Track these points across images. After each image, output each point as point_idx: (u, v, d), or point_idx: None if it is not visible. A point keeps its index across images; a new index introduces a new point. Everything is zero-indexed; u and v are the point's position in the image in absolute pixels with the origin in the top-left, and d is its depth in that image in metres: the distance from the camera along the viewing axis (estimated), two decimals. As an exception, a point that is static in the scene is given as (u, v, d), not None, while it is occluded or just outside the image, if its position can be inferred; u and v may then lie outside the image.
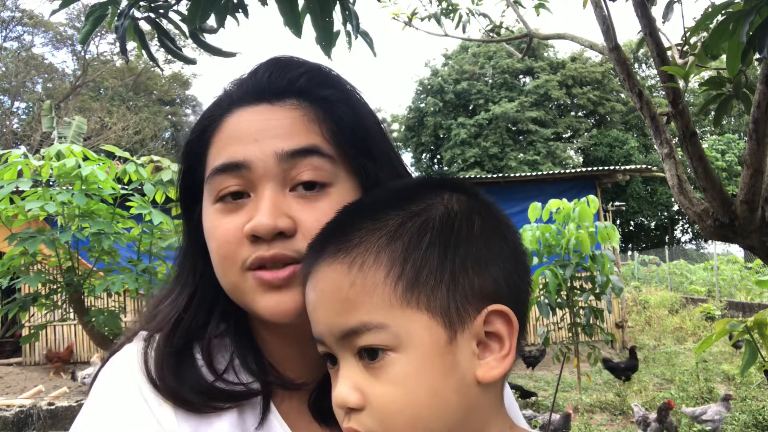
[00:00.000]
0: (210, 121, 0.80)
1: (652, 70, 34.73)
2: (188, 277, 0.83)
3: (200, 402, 0.74)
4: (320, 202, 0.74)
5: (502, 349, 0.63)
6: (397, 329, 0.61)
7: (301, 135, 0.75)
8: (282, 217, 0.72)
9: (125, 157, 4.25)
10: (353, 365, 0.63)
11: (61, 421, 6.48)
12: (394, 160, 0.83)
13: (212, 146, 0.78)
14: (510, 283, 0.66)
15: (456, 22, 5.05)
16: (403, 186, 0.73)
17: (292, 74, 0.79)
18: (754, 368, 6.83)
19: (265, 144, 0.74)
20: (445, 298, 0.62)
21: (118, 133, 24.36)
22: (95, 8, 1.87)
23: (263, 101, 0.77)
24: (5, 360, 12.52)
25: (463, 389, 0.62)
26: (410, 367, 0.61)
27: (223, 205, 0.76)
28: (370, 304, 0.62)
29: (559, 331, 7.24)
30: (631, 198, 32.01)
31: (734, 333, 2.36)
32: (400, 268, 0.62)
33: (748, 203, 2.29)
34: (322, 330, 0.65)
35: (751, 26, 1.67)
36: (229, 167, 0.75)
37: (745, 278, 18.29)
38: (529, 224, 6.53)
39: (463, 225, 0.65)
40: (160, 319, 0.81)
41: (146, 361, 0.75)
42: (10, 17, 26.11)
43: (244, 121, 0.76)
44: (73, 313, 4.27)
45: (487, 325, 0.63)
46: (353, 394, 0.62)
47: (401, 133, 39.26)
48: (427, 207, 0.66)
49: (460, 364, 0.62)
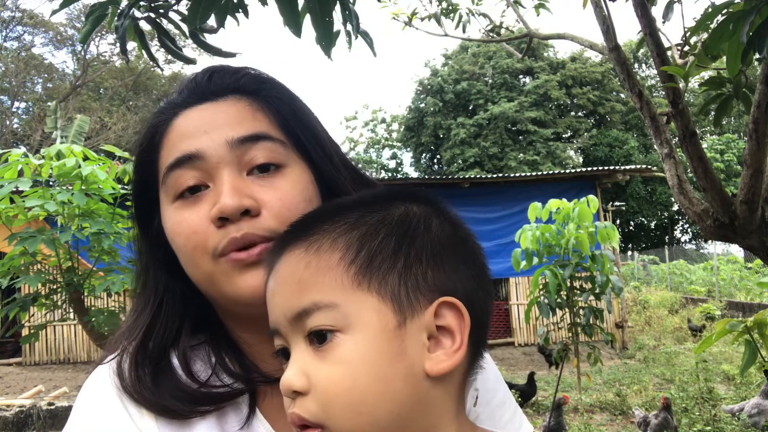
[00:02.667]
0: (156, 129, 0.81)
1: (652, 70, 34.76)
2: (151, 293, 0.82)
3: (183, 408, 0.74)
4: (278, 181, 0.76)
5: (453, 344, 0.63)
6: (346, 309, 0.62)
7: (249, 123, 0.77)
8: (245, 197, 0.74)
9: (125, 157, 4.25)
10: (303, 350, 0.63)
11: (61, 421, 6.48)
12: (338, 150, 0.86)
13: (162, 149, 0.79)
14: (466, 285, 0.66)
15: (456, 22, 5.05)
16: (368, 194, 0.74)
17: (230, 75, 0.82)
18: (754, 368, 6.84)
19: (215, 134, 0.76)
20: (397, 284, 0.63)
21: (118, 133, 24.36)
22: (95, 8, 1.87)
23: (206, 100, 0.79)
24: (5, 360, 12.53)
25: (411, 379, 0.61)
26: (357, 348, 0.61)
27: (182, 201, 0.76)
28: (322, 284, 0.63)
29: (559, 331, 7.23)
30: (631, 198, 32.01)
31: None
32: (355, 252, 0.64)
33: (748, 203, 2.29)
34: (277, 315, 0.66)
35: (751, 26, 1.67)
36: (182, 160, 0.76)
37: (744, 278, 18.30)
38: (529, 224, 6.53)
39: (421, 223, 0.67)
40: (128, 333, 0.80)
41: (120, 374, 0.75)
42: (10, 17, 26.12)
43: (191, 118, 0.78)
44: (73, 313, 4.27)
45: (438, 318, 0.63)
46: (299, 377, 0.62)
47: (401, 133, 39.26)
48: (388, 208, 0.68)
49: (408, 353, 0.61)
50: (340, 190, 0.82)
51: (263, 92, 0.81)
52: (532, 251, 6.40)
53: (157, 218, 0.81)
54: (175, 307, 0.81)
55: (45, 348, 12.34)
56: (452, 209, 0.73)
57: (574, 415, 7.56)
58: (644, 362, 11.02)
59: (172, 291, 0.81)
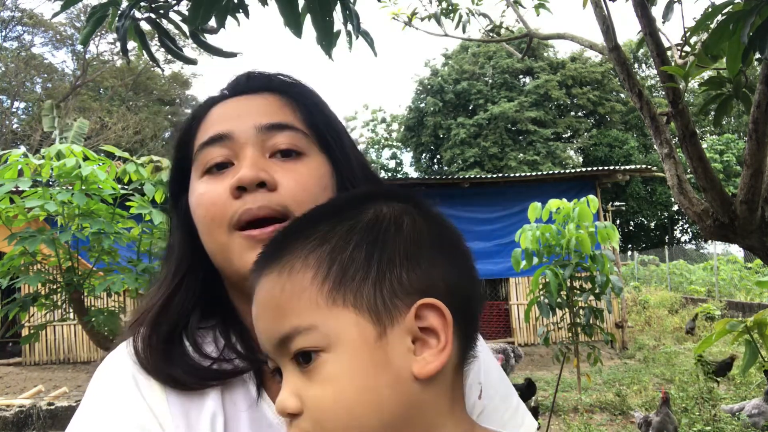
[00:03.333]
0: (195, 117, 0.90)
1: (652, 70, 34.74)
2: (175, 270, 0.87)
3: (191, 381, 0.77)
4: (298, 166, 0.83)
5: (438, 344, 0.63)
6: (325, 329, 0.61)
7: (277, 114, 0.85)
8: (263, 171, 0.80)
9: (125, 157, 4.26)
10: (291, 371, 0.63)
11: (61, 421, 6.48)
12: (357, 151, 0.92)
13: (198, 133, 0.88)
14: (446, 278, 0.65)
15: (456, 22, 5.05)
16: (340, 199, 0.75)
17: (266, 77, 0.92)
18: (754, 368, 6.83)
19: (246, 119, 0.84)
20: (372, 294, 0.62)
21: (118, 133, 24.36)
22: (96, 9, 1.87)
23: (242, 94, 0.89)
24: (5, 360, 12.52)
25: (399, 386, 0.61)
26: (340, 365, 0.61)
27: (209, 176, 0.83)
28: (299, 308, 0.62)
29: (559, 331, 7.22)
30: (631, 198, 32.00)
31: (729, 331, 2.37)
32: (327, 268, 0.63)
33: (747, 203, 2.29)
34: (263, 341, 0.66)
35: (751, 27, 1.68)
36: (214, 139, 0.83)
37: (744, 278, 18.30)
38: (529, 224, 6.52)
39: (391, 225, 0.66)
40: (146, 307, 0.85)
41: (135, 346, 0.80)
42: (10, 17, 26.11)
43: (227, 107, 0.88)
44: (73, 313, 4.27)
45: (420, 320, 0.63)
46: (291, 399, 0.62)
47: (401, 133, 39.25)
48: (358, 213, 0.67)
49: (393, 360, 0.61)
50: (352, 186, 0.86)
51: (292, 91, 0.90)
52: (532, 251, 6.40)
53: (186, 195, 0.88)
54: (194, 287, 0.86)
55: (45, 348, 12.34)
56: (427, 201, 0.72)
57: (574, 415, 7.56)
58: (644, 362, 11.02)
59: (194, 271, 0.86)
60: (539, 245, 6.40)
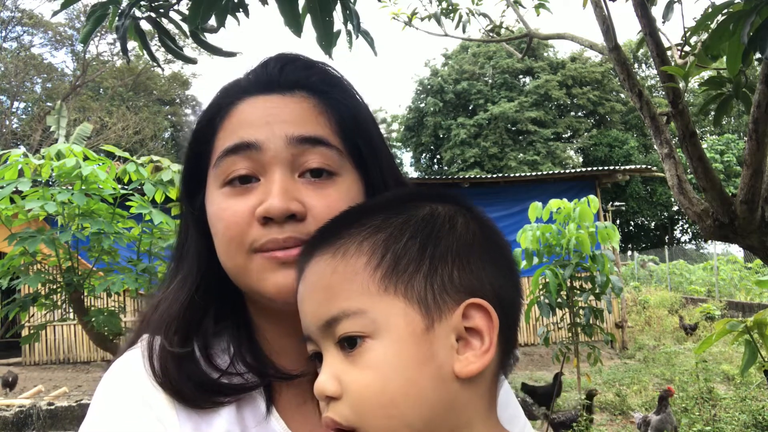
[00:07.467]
0: (218, 109, 0.81)
1: (652, 70, 34.74)
2: (189, 273, 0.83)
3: (201, 398, 0.74)
4: (329, 189, 0.76)
5: (482, 345, 0.63)
6: (374, 315, 0.62)
7: (311, 124, 0.77)
8: (293, 200, 0.73)
9: (125, 157, 4.25)
10: (334, 355, 0.64)
11: (61, 421, 6.48)
12: (391, 159, 0.86)
13: (221, 131, 0.79)
14: (494, 284, 0.66)
15: (456, 22, 5.05)
16: (393, 196, 0.74)
17: (302, 70, 0.82)
18: (754, 368, 6.83)
19: (276, 127, 0.76)
20: (423, 287, 0.63)
21: (118, 133, 24.36)
22: (96, 8, 1.87)
23: (274, 92, 0.79)
24: (5, 360, 12.52)
25: (440, 381, 0.61)
26: (386, 353, 0.61)
27: (231, 188, 0.76)
28: (350, 291, 0.63)
29: (559, 331, 7.22)
30: (631, 198, 32.00)
31: (734, 332, 2.36)
32: (380, 255, 0.64)
33: (747, 203, 2.29)
34: (308, 322, 0.66)
35: (751, 27, 1.67)
36: (240, 146, 0.75)
37: (744, 278, 18.29)
38: (529, 224, 6.52)
39: (446, 223, 0.67)
40: (160, 318, 0.81)
41: (151, 357, 0.76)
42: (10, 17, 26.10)
43: (256, 107, 0.78)
44: (73, 313, 4.26)
45: (466, 320, 0.63)
46: (331, 382, 0.63)
47: (401, 133, 39.26)
48: (413, 208, 0.68)
49: (437, 355, 0.61)
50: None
51: (332, 95, 0.81)
52: (533, 251, 6.39)
53: (202, 195, 0.81)
54: (209, 292, 0.81)
55: (45, 348, 12.34)
56: (479, 207, 0.73)
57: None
58: (644, 362, 11.03)
59: (210, 275, 0.81)
60: (539, 245, 6.40)
